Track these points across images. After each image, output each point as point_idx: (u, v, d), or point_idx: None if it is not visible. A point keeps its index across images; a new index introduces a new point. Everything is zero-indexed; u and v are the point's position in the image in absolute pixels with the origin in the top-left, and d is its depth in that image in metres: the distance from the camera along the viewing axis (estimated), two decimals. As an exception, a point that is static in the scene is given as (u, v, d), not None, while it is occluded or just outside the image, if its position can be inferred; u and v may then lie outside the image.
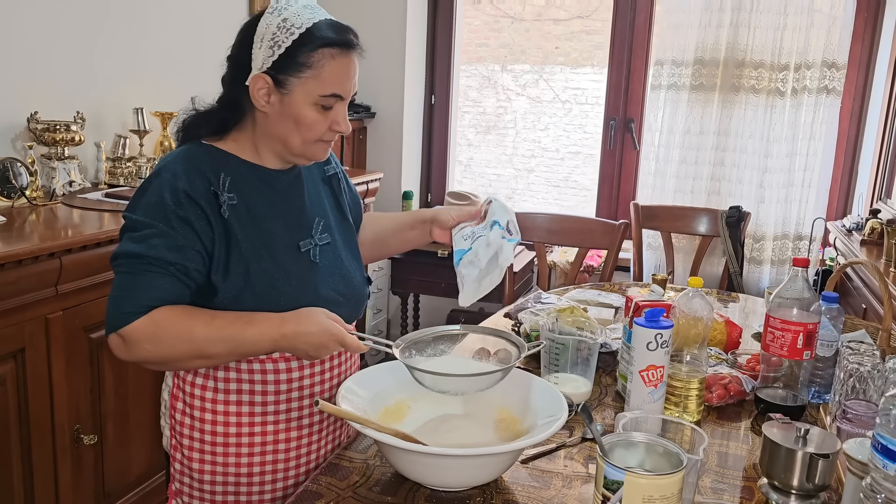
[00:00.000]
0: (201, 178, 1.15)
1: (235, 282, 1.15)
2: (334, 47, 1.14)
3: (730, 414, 1.37)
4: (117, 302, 1.10)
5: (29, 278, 1.71)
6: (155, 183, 1.14)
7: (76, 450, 1.89)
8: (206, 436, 1.22)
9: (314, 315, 1.13)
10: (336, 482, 1.06)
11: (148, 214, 1.12)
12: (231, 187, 1.17)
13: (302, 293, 1.19)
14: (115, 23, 2.52)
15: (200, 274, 1.14)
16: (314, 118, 1.16)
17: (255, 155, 1.22)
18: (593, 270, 3.33)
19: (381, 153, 3.71)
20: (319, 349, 1.12)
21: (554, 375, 1.37)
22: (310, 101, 1.15)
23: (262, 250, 1.18)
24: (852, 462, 0.98)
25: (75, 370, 1.88)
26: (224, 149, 1.21)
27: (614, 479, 0.86)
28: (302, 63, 1.13)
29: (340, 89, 1.16)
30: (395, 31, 3.55)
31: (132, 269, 1.10)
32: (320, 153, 1.22)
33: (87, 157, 2.46)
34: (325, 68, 1.13)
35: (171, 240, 1.11)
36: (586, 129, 3.73)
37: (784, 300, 1.33)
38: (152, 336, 1.09)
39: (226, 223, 1.15)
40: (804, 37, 3.06)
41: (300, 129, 1.16)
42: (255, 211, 1.19)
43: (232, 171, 1.19)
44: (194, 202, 1.13)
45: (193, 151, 1.19)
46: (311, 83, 1.14)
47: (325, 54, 1.13)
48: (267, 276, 1.17)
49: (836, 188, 3.32)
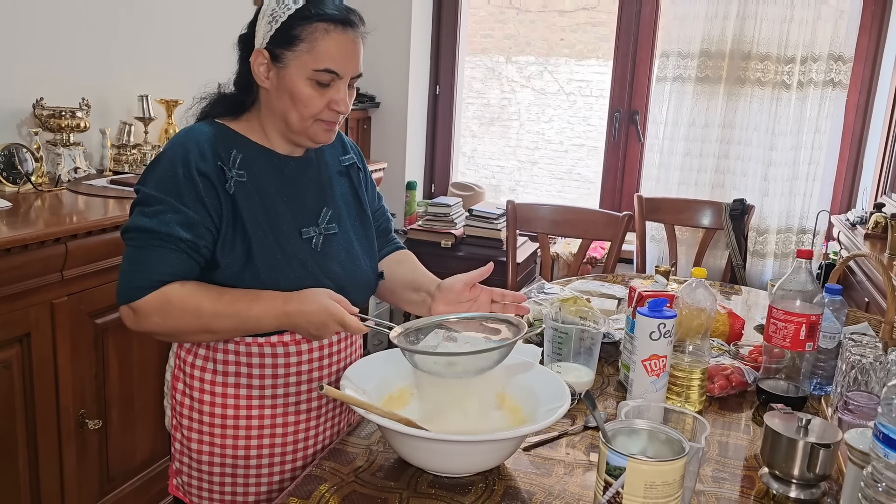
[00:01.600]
0: (212, 152, 1.16)
1: (238, 259, 1.16)
2: (329, 22, 1.14)
3: (731, 404, 1.37)
4: (130, 275, 1.12)
5: (34, 263, 1.71)
6: (167, 157, 1.15)
7: (81, 434, 1.91)
8: (204, 416, 1.23)
9: (316, 295, 1.14)
10: (339, 467, 1.07)
11: (160, 189, 1.13)
12: (241, 165, 1.18)
13: (302, 278, 1.19)
14: (121, 10, 2.52)
15: (209, 250, 1.15)
16: (309, 94, 1.16)
17: (263, 137, 1.23)
18: (596, 262, 3.34)
19: (385, 143, 3.70)
20: (320, 328, 1.13)
21: (557, 364, 1.37)
22: (304, 76, 1.15)
23: (266, 229, 1.18)
24: (853, 452, 0.98)
25: (80, 355, 1.89)
26: (237, 129, 1.22)
27: (616, 465, 0.87)
28: (296, 36, 1.14)
29: (335, 65, 1.15)
30: (400, 22, 3.54)
31: (144, 244, 1.12)
32: (321, 134, 1.21)
33: (93, 144, 2.46)
34: (318, 42, 1.14)
35: (184, 216, 1.12)
36: (590, 121, 3.73)
37: (787, 291, 1.33)
38: (161, 310, 1.12)
39: (232, 199, 1.16)
40: (811, 29, 3.05)
41: (296, 104, 1.16)
42: (263, 192, 1.20)
43: (244, 150, 1.20)
44: (205, 177, 1.14)
45: (206, 128, 1.20)
46: (305, 57, 1.14)
47: (318, 28, 1.14)
48: (269, 256, 1.18)
49: (840, 182, 3.32)
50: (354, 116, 3.51)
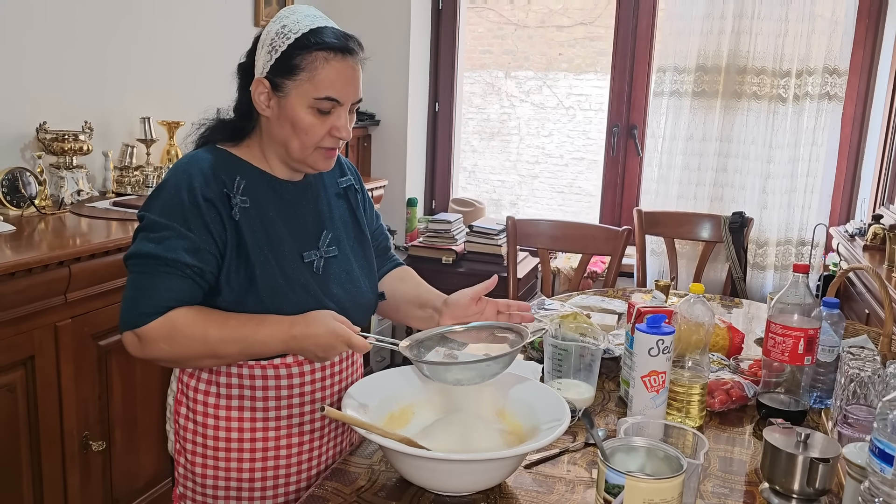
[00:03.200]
0: (216, 179, 1.17)
1: (241, 284, 1.17)
2: (328, 51, 1.16)
3: (732, 419, 1.38)
4: (134, 302, 1.12)
5: (38, 286, 1.73)
6: (171, 183, 1.16)
7: (85, 456, 1.91)
8: (208, 440, 1.23)
9: (322, 317, 1.15)
10: (342, 487, 1.08)
11: (164, 215, 1.14)
12: (245, 191, 1.20)
13: (304, 302, 1.20)
14: (123, 33, 2.55)
15: (214, 276, 1.16)
16: (310, 122, 1.17)
17: (263, 162, 1.25)
18: (597, 276, 3.35)
19: (386, 161, 3.73)
20: (328, 350, 1.14)
21: (557, 381, 1.38)
22: (305, 105, 1.16)
23: (269, 255, 1.19)
24: (852, 466, 0.99)
25: (84, 377, 1.90)
26: (238, 154, 1.23)
27: (615, 483, 0.88)
28: (296, 66, 1.16)
29: (335, 93, 1.17)
30: (398, 39, 3.58)
31: (148, 270, 1.12)
32: (321, 162, 1.23)
33: (95, 167, 2.49)
34: (318, 71, 1.16)
35: (189, 242, 1.13)
36: (590, 135, 3.75)
37: (785, 306, 1.34)
38: (167, 336, 1.12)
39: (237, 225, 1.17)
40: (805, 43, 3.08)
41: (297, 133, 1.18)
42: (265, 217, 1.21)
43: (246, 175, 1.21)
44: (210, 203, 1.15)
45: (208, 154, 1.21)
46: (306, 86, 1.16)
47: (318, 57, 1.16)
48: (272, 281, 1.18)
49: (838, 194, 3.33)
50: (355, 134, 3.53)
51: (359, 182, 1.43)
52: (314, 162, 1.22)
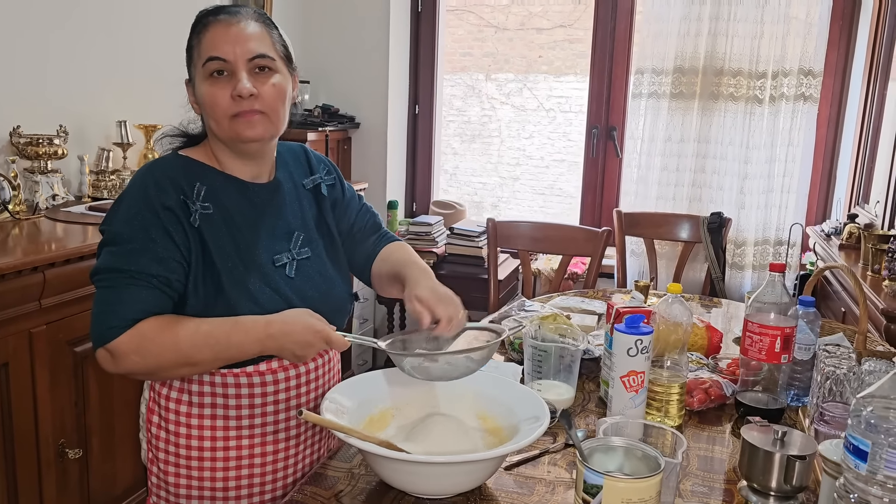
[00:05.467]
0: (173, 186, 1.15)
1: (208, 292, 1.15)
2: (206, 20, 1.18)
3: (711, 418, 1.39)
4: (102, 317, 1.10)
5: (12, 293, 1.70)
6: (129, 194, 1.15)
7: (61, 464, 1.88)
8: (181, 449, 1.21)
9: (299, 315, 1.14)
10: (321, 491, 1.07)
11: (126, 226, 1.12)
12: (207, 197, 1.18)
13: (276, 306, 1.18)
14: (97, 36, 2.52)
15: (181, 283, 1.14)
16: (210, 92, 1.16)
17: (218, 163, 1.23)
18: (577, 277, 3.36)
19: (366, 163, 3.72)
20: (305, 348, 1.13)
21: (537, 382, 1.38)
22: (202, 78, 1.17)
23: (236, 261, 1.17)
24: (827, 463, 1.00)
25: (60, 384, 1.87)
26: (199, 159, 1.22)
27: (594, 484, 0.88)
28: (190, 48, 1.19)
29: (217, 50, 1.15)
30: (378, 42, 3.57)
31: (114, 284, 1.10)
32: (245, 130, 1.17)
33: (71, 171, 2.46)
34: (201, 40, 1.17)
35: (153, 252, 1.11)
36: (570, 136, 3.77)
37: (762, 305, 1.35)
38: (139, 348, 1.09)
39: (198, 232, 1.16)
40: (781, 45, 3.11)
41: (208, 110, 1.17)
42: (230, 222, 1.19)
43: (209, 180, 1.20)
44: (170, 211, 1.13)
45: (166, 161, 1.20)
46: (197, 61, 1.18)
47: (200, 30, 1.18)
48: (240, 287, 1.16)
49: (814, 193, 3.37)
50: (334, 137, 3.52)
51: (332, 172, 1.39)
52: (236, 133, 1.17)
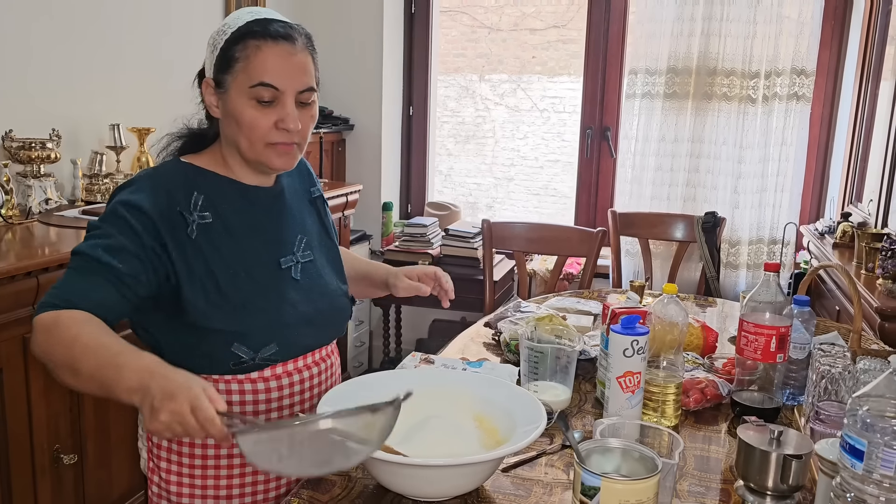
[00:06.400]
0: (168, 196, 1.14)
1: (207, 301, 1.14)
2: (261, 38, 1.14)
3: (707, 418, 1.39)
4: (51, 291, 1.06)
5: (6, 298, 1.69)
6: (119, 194, 1.15)
7: (56, 470, 1.87)
8: (183, 458, 1.21)
9: (191, 377, 0.93)
10: (318, 495, 1.07)
11: (102, 220, 1.12)
12: (205, 206, 1.17)
13: (280, 310, 1.18)
14: (91, 39, 2.51)
15: (137, 282, 1.09)
16: (252, 115, 1.14)
17: (227, 168, 1.22)
18: (573, 278, 3.36)
19: (361, 165, 3.72)
20: (164, 399, 0.89)
21: (534, 384, 1.38)
22: (245, 97, 1.14)
23: (237, 267, 1.17)
24: (823, 462, 1.00)
25: (54, 390, 1.86)
26: (201, 165, 1.21)
27: (591, 485, 0.88)
28: (232, 57, 1.14)
29: (270, 77, 1.13)
30: (371, 43, 3.57)
31: (71, 266, 1.09)
32: (275, 160, 1.17)
33: (64, 175, 2.45)
34: (251, 59, 1.13)
35: (108, 241, 1.08)
36: (564, 137, 3.77)
37: (757, 304, 1.36)
38: (46, 330, 1.01)
39: (194, 243, 1.14)
40: (773, 45, 3.13)
41: (243, 129, 1.15)
42: (232, 228, 1.18)
43: (208, 188, 1.19)
44: (148, 217, 1.11)
45: (166, 169, 1.19)
46: (241, 76, 1.14)
47: (250, 45, 1.14)
48: (241, 293, 1.16)
49: (808, 192, 3.39)
50: (329, 139, 3.52)
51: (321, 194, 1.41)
52: (267, 160, 1.17)
